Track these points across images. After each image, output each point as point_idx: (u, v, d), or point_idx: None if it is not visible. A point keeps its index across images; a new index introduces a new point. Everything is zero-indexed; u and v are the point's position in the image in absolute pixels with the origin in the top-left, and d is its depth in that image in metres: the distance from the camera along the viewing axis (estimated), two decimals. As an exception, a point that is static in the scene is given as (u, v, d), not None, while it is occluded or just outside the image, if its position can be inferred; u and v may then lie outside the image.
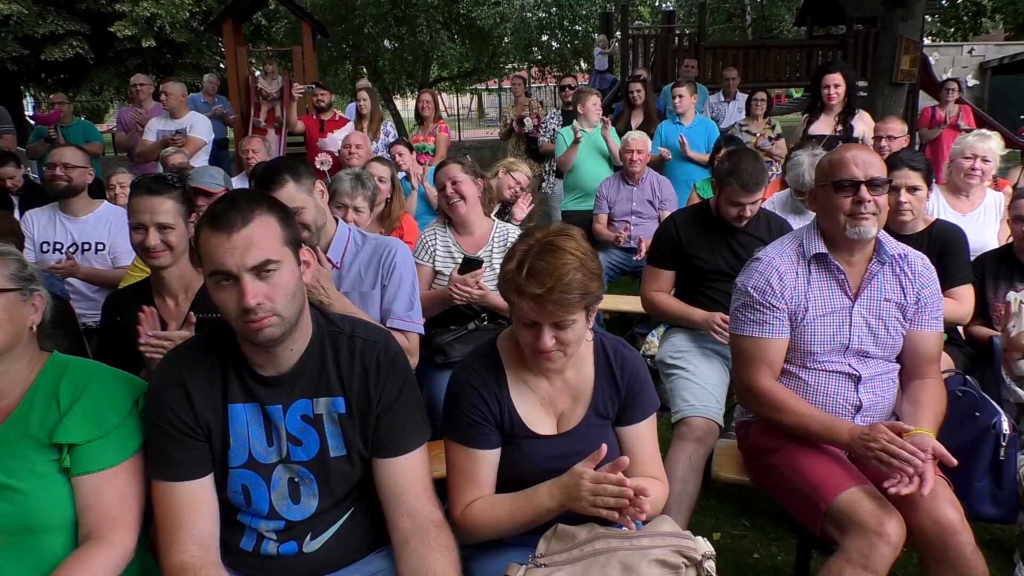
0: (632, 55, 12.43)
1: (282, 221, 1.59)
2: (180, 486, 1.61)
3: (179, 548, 1.57)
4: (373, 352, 1.71)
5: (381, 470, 1.71)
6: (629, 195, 5.38)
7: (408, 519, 1.67)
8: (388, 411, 1.70)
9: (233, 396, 1.65)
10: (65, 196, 3.75)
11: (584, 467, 1.65)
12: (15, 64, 16.23)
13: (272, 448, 1.67)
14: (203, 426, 1.63)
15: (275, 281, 1.54)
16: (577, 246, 1.67)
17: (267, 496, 1.68)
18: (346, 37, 19.05)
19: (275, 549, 1.70)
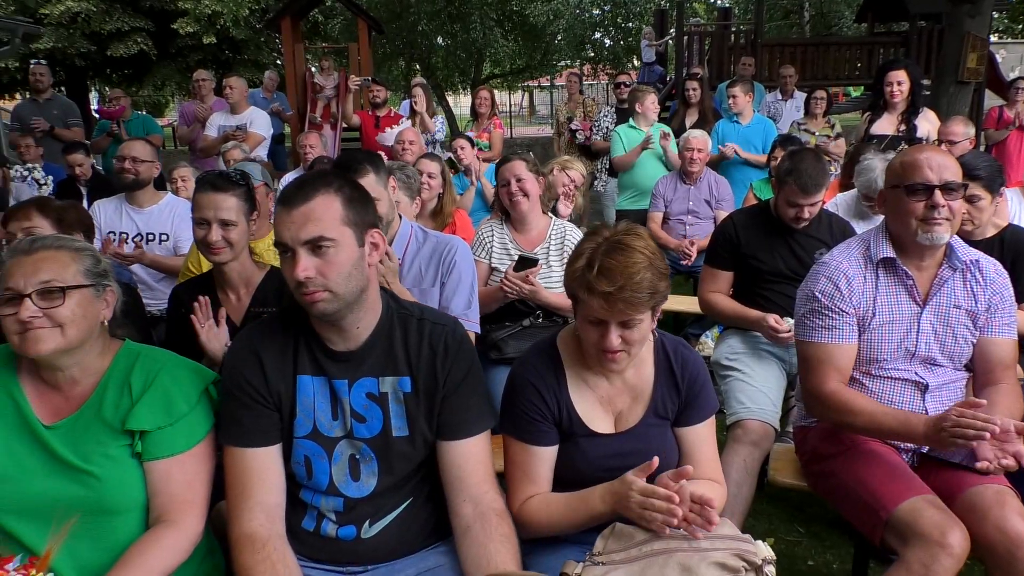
0: (687, 53, 12.28)
1: (347, 201, 1.62)
2: (249, 452, 1.66)
3: (247, 516, 1.62)
4: (441, 335, 1.74)
5: (445, 453, 1.72)
6: (686, 194, 5.32)
7: (470, 504, 1.68)
8: (454, 393, 1.72)
9: (302, 368, 1.70)
10: (133, 189, 3.87)
11: (635, 476, 1.64)
12: (83, 60, 16.78)
13: (336, 422, 1.71)
14: (274, 395, 1.68)
15: (330, 258, 1.57)
16: (646, 245, 1.67)
17: (328, 470, 1.71)
18: (400, 34, 19.20)
19: (334, 531, 1.73)
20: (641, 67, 13.38)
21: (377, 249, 1.69)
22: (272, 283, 2.49)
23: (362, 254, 1.64)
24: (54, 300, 1.61)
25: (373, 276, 1.69)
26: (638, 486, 1.61)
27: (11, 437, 1.64)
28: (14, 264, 1.62)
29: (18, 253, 1.64)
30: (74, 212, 2.69)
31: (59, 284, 1.61)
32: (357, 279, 1.62)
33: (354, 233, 1.62)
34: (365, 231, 1.65)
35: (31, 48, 14.97)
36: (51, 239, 1.68)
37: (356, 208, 1.64)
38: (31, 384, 1.70)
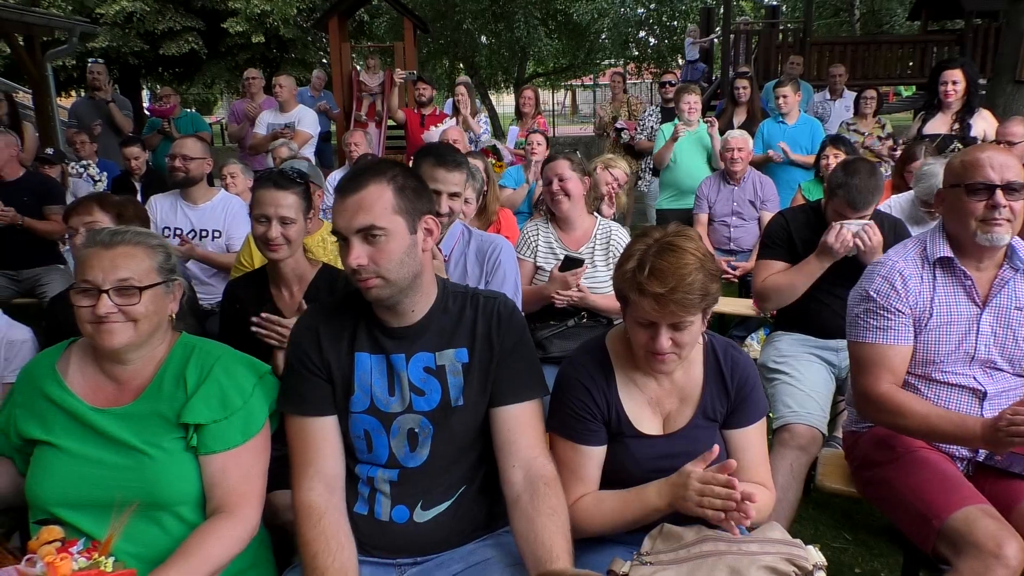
0: (734, 51, 12.14)
1: (399, 190, 1.65)
2: (308, 421, 1.73)
3: (308, 485, 1.68)
4: (493, 306, 1.80)
5: (496, 419, 1.76)
6: (730, 195, 5.25)
7: (520, 471, 1.71)
8: (505, 359, 1.76)
9: (360, 345, 1.76)
10: (185, 186, 3.96)
11: (693, 467, 1.64)
12: (136, 58, 17.21)
13: (394, 398, 1.75)
14: (327, 367, 1.74)
15: (382, 246, 1.62)
16: (697, 247, 1.66)
17: (387, 443, 1.75)
18: (444, 33, 19.33)
19: (388, 513, 1.76)
20: (684, 65, 13.28)
21: (431, 235, 1.73)
22: (324, 279, 2.53)
23: (415, 241, 1.68)
24: (131, 298, 1.66)
25: (427, 261, 1.74)
26: (697, 475, 1.62)
27: (64, 432, 1.69)
28: (93, 256, 1.67)
29: (97, 245, 1.69)
30: (132, 207, 2.76)
31: (136, 284, 1.66)
32: (410, 265, 1.66)
33: (406, 221, 1.66)
34: (418, 218, 1.69)
35: (87, 47, 15.41)
36: (130, 234, 1.73)
37: (408, 196, 1.67)
38: (82, 374, 1.75)
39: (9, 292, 4.61)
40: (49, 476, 1.66)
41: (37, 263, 4.67)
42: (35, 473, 1.69)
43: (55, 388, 1.72)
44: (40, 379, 1.74)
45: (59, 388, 1.72)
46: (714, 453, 1.64)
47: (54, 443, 1.68)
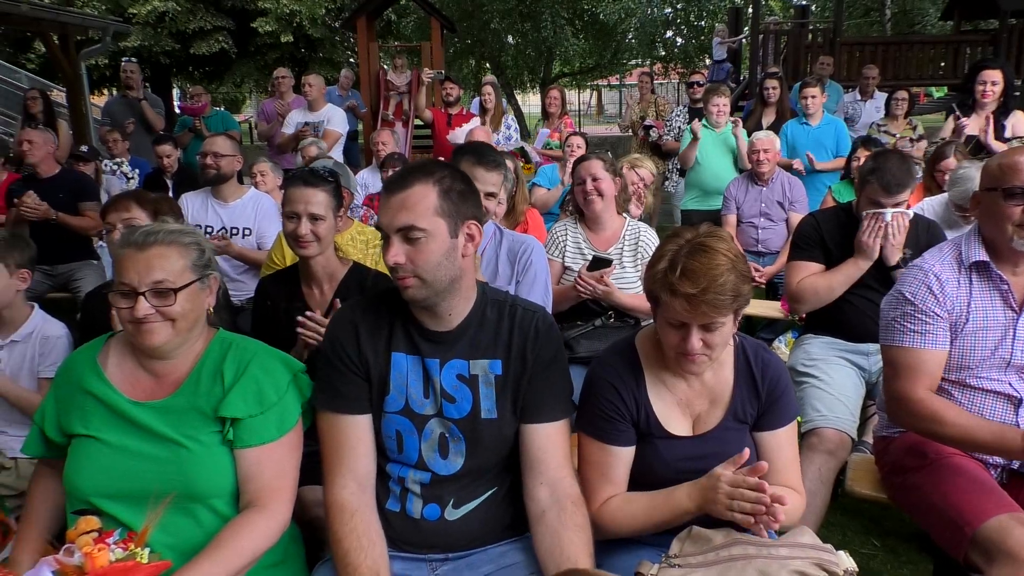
0: (762, 51, 12.04)
1: (444, 193, 1.65)
2: (342, 419, 1.73)
3: (340, 483, 1.69)
4: (532, 320, 1.78)
5: (526, 435, 1.76)
6: (758, 196, 5.21)
7: (546, 488, 1.71)
8: (539, 376, 1.75)
9: (397, 345, 1.76)
10: (215, 183, 4.01)
11: (723, 469, 1.63)
12: (167, 58, 17.44)
13: (428, 400, 1.75)
14: (364, 364, 1.74)
15: (420, 247, 1.62)
16: (729, 248, 1.66)
17: (417, 445, 1.75)
18: (471, 32, 19.36)
19: (419, 510, 1.77)
20: (711, 65, 13.19)
21: (473, 241, 1.72)
22: (354, 278, 2.55)
23: (455, 245, 1.67)
24: (166, 299, 1.69)
25: (468, 266, 1.73)
26: (727, 477, 1.61)
27: (105, 424, 1.72)
28: (128, 258, 1.70)
29: (131, 246, 1.71)
30: (167, 204, 2.82)
31: (171, 286, 1.69)
32: (448, 269, 1.66)
33: (447, 224, 1.65)
34: (461, 223, 1.68)
35: (119, 46, 15.63)
36: (163, 233, 1.75)
37: (453, 199, 1.66)
38: (121, 368, 1.78)
39: (44, 287, 4.69)
40: (87, 467, 1.69)
41: (71, 259, 4.75)
42: (73, 464, 1.72)
43: (96, 381, 1.75)
44: (81, 373, 1.78)
45: (100, 381, 1.75)
46: (744, 456, 1.63)
47: (93, 435, 1.71)
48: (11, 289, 2.67)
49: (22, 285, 2.71)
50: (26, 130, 4.92)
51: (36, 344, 2.72)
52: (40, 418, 1.79)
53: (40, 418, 1.79)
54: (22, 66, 16.83)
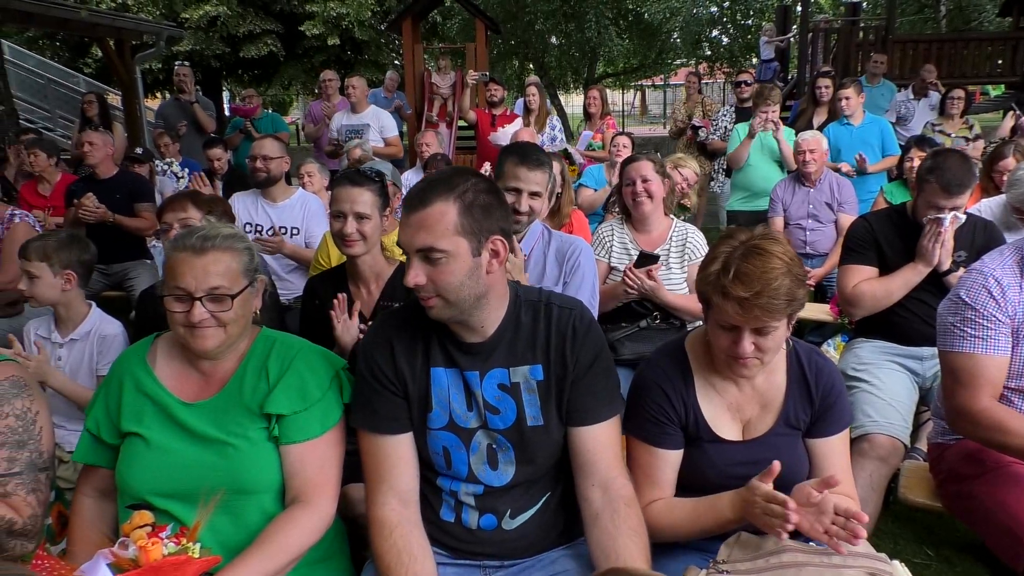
0: (811, 50, 11.83)
1: (465, 209, 1.56)
2: (382, 439, 1.71)
3: (381, 500, 1.68)
4: (569, 319, 1.72)
5: (574, 438, 1.72)
6: (805, 197, 5.10)
7: (599, 490, 1.67)
8: (583, 377, 1.69)
9: (435, 360, 1.71)
10: (266, 186, 4.09)
11: (760, 482, 1.59)
12: (217, 61, 17.82)
13: (472, 413, 1.71)
14: (402, 382, 1.71)
15: (441, 268, 1.55)
16: (784, 251, 1.62)
17: (466, 459, 1.73)
18: (515, 33, 19.39)
19: (475, 521, 1.75)
20: (758, 64, 13.01)
21: (498, 257, 1.63)
22: (401, 278, 2.56)
23: (478, 263, 1.59)
24: (223, 304, 1.72)
25: (494, 281, 1.65)
26: (761, 491, 1.57)
27: (157, 424, 1.75)
28: (185, 263, 1.71)
29: (187, 250, 1.72)
30: (220, 205, 2.88)
31: (227, 292, 1.72)
32: (471, 288, 1.59)
33: (469, 243, 1.57)
34: (485, 239, 1.59)
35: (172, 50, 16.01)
36: (220, 239, 1.76)
37: (475, 215, 1.58)
38: (169, 367, 1.82)
39: (99, 285, 4.82)
40: (139, 466, 1.73)
41: (126, 258, 4.88)
42: (126, 462, 1.76)
43: (148, 381, 1.79)
44: (132, 372, 1.81)
45: (151, 381, 1.79)
46: (775, 468, 1.58)
47: (144, 435, 1.74)
48: (55, 289, 2.74)
49: (67, 286, 2.77)
50: (87, 132, 5.06)
51: (94, 342, 2.80)
52: (93, 425, 1.81)
53: (93, 425, 1.81)
54: (79, 70, 17.33)
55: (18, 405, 1.80)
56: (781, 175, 5.55)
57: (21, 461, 1.78)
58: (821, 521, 1.52)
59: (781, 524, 1.51)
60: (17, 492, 1.76)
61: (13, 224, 4.00)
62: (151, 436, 1.74)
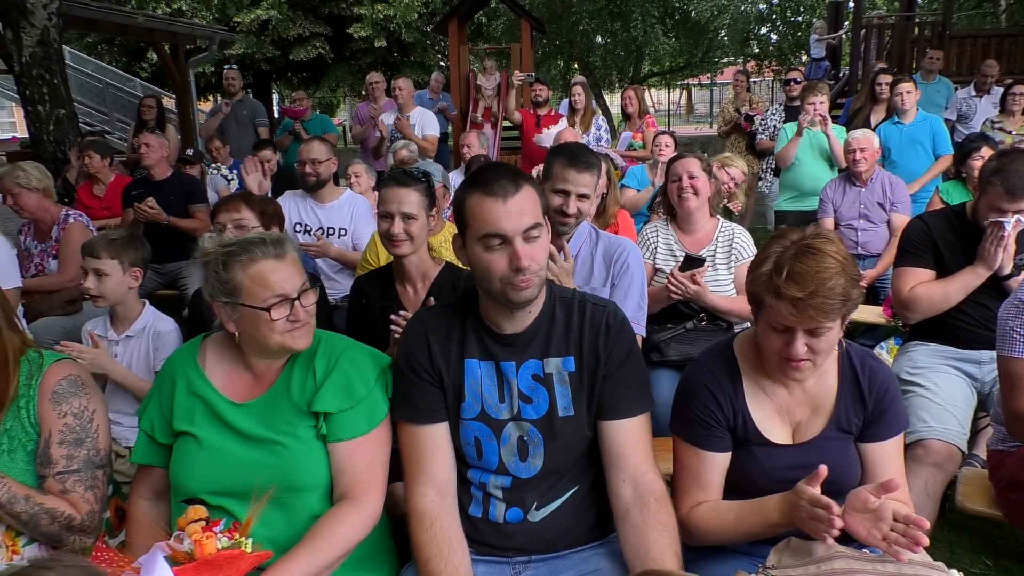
0: (864, 46, 11.56)
1: (538, 190, 1.69)
2: (420, 429, 1.75)
3: (420, 491, 1.71)
4: (602, 315, 1.77)
5: (605, 432, 1.75)
6: (856, 197, 4.99)
7: (629, 485, 1.69)
8: (614, 372, 1.74)
9: (469, 352, 1.77)
10: (316, 188, 4.15)
11: (806, 485, 1.56)
12: (267, 64, 18.16)
13: (504, 405, 1.76)
14: (437, 373, 1.76)
15: (538, 244, 1.64)
16: (838, 250, 1.59)
17: (496, 450, 1.76)
18: (560, 33, 19.35)
19: (502, 514, 1.77)
20: (808, 63, 12.76)
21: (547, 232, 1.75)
22: (447, 278, 2.59)
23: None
24: (310, 299, 1.78)
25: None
26: (807, 495, 1.54)
27: (208, 424, 1.79)
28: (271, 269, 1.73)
29: (270, 257, 1.75)
30: (271, 206, 2.94)
31: (307, 287, 1.78)
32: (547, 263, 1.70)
33: (546, 220, 1.69)
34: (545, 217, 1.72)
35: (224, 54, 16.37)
36: (288, 243, 1.82)
37: (544, 196, 1.72)
38: (220, 368, 1.85)
39: (153, 284, 4.95)
40: (192, 465, 1.77)
41: (179, 258, 4.99)
42: (179, 461, 1.80)
43: (199, 382, 1.83)
44: (184, 373, 1.85)
45: (203, 382, 1.83)
46: (822, 472, 1.54)
47: (196, 435, 1.78)
48: (124, 286, 2.83)
49: (134, 283, 2.86)
50: (144, 134, 5.20)
51: (149, 339, 2.87)
52: (148, 425, 1.86)
53: (148, 425, 1.86)
54: (136, 74, 17.84)
55: (76, 404, 1.86)
56: (831, 174, 5.44)
57: (79, 459, 1.85)
58: (879, 528, 1.49)
59: (826, 528, 1.48)
60: (75, 489, 1.83)
61: (68, 224, 4.13)
62: (203, 435, 1.78)
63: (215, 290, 1.75)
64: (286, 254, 1.77)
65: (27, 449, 1.83)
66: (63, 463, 1.83)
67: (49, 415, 1.84)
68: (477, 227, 1.63)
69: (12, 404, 1.83)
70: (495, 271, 1.63)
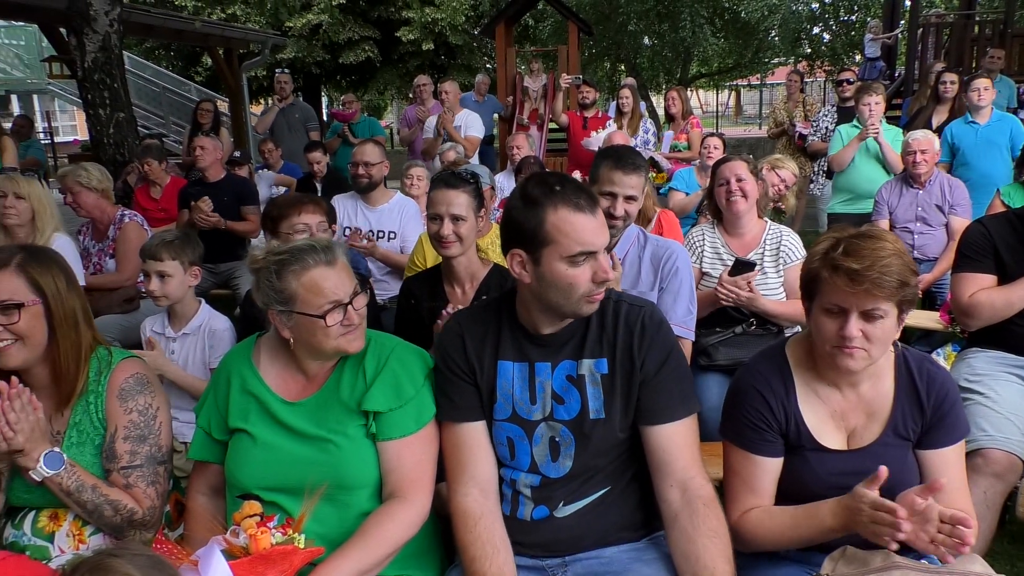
0: (921, 46, 11.27)
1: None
2: (460, 427, 1.78)
3: (463, 491, 1.73)
4: (638, 316, 1.76)
5: (650, 437, 1.73)
6: (913, 199, 4.87)
7: (677, 490, 1.67)
8: (655, 376, 1.72)
9: (504, 353, 1.78)
10: (368, 191, 4.21)
11: (866, 489, 1.53)
12: (318, 68, 18.45)
13: (535, 406, 1.76)
14: (472, 372, 1.78)
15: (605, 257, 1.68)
16: (895, 239, 1.59)
17: (529, 450, 1.77)
18: (607, 35, 19.27)
19: (529, 513, 1.78)
20: (863, 63, 12.49)
21: None
22: (495, 279, 2.60)
23: None
24: (361, 302, 1.81)
25: None
26: (868, 499, 1.51)
27: (262, 422, 1.83)
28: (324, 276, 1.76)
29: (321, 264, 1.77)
30: (328, 207, 3.00)
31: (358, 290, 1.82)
32: None
33: None
34: None
35: (276, 58, 16.70)
36: (338, 248, 1.85)
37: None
38: (273, 367, 1.89)
39: (208, 284, 5.06)
40: (246, 462, 1.81)
41: (232, 258, 5.11)
42: (234, 458, 1.84)
43: (253, 380, 1.87)
44: (239, 371, 1.90)
45: (257, 381, 1.87)
46: (882, 474, 1.51)
47: (250, 432, 1.82)
48: (185, 285, 2.91)
49: (194, 281, 2.95)
50: (200, 137, 5.33)
51: (204, 337, 2.94)
52: (205, 422, 1.91)
53: (205, 422, 1.91)
54: (191, 79, 18.30)
55: (141, 401, 1.92)
56: (887, 176, 5.31)
57: (142, 454, 1.91)
58: (926, 530, 1.46)
59: (891, 533, 1.45)
60: (138, 484, 1.89)
61: (124, 224, 4.24)
62: (257, 433, 1.82)
63: (269, 298, 1.77)
64: (336, 260, 1.79)
65: (94, 443, 1.90)
66: (127, 458, 1.89)
67: (116, 411, 1.90)
68: (568, 244, 1.62)
69: (81, 398, 1.90)
70: (579, 286, 1.64)
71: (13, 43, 19.27)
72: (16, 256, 1.83)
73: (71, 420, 1.90)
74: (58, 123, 24.08)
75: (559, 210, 1.62)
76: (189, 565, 1.57)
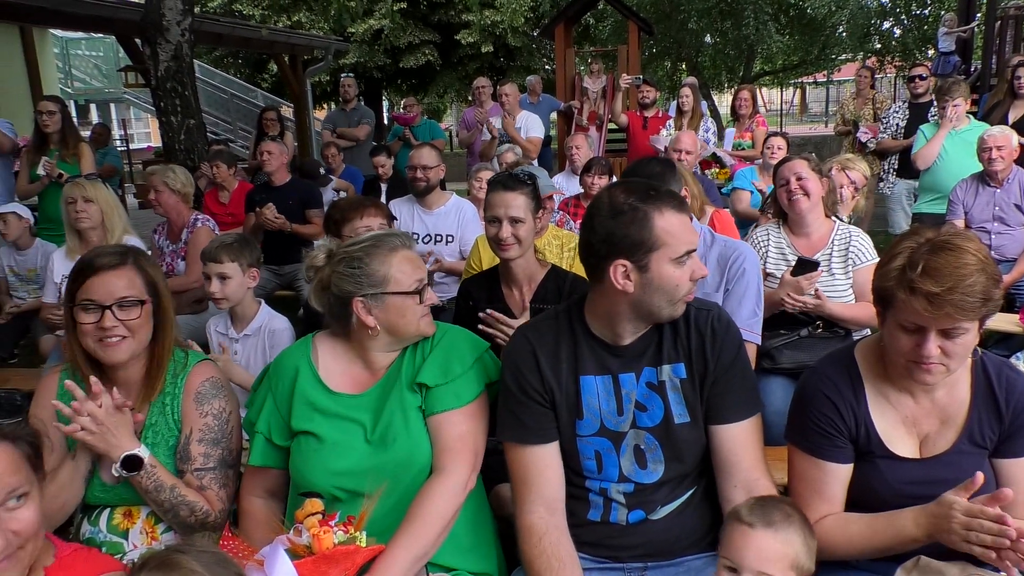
0: (999, 40, 10.81)
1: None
2: (528, 449, 1.76)
3: (528, 508, 1.72)
4: (707, 319, 1.76)
5: (715, 437, 1.74)
6: (991, 198, 4.67)
7: (741, 490, 1.67)
8: (723, 376, 1.73)
9: (584, 368, 1.77)
10: (426, 194, 4.26)
11: (956, 496, 1.47)
12: (379, 72, 18.73)
13: (623, 417, 1.75)
14: (549, 392, 1.76)
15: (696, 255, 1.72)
16: (977, 248, 1.49)
17: (617, 462, 1.76)
18: (668, 34, 19.04)
19: (624, 517, 1.77)
20: (935, 57, 12.05)
21: None
22: (553, 281, 2.59)
23: None
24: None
25: None
26: (961, 506, 1.45)
27: (324, 421, 1.86)
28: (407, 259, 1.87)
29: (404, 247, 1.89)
30: (387, 210, 3.05)
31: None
32: None
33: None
34: None
35: (338, 63, 17.00)
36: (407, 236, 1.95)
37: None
38: (334, 363, 1.92)
39: (272, 285, 5.18)
40: (312, 462, 1.84)
41: (296, 260, 5.20)
42: (299, 457, 1.87)
43: (313, 379, 1.90)
44: (298, 373, 1.92)
45: (317, 381, 1.90)
46: (978, 481, 1.45)
47: (315, 432, 1.85)
48: (244, 287, 2.98)
49: (252, 283, 3.01)
50: (266, 142, 5.47)
51: (265, 337, 3.01)
52: (265, 428, 1.93)
53: (265, 428, 1.93)
54: (257, 85, 18.77)
55: (216, 405, 1.97)
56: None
57: (215, 457, 1.95)
58: (1010, 532, 1.38)
59: (996, 543, 1.38)
60: (211, 486, 1.93)
61: (196, 228, 4.37)
62: (322, 432, 1.84)
63: (358, 285, 1.82)
64: (412, 245, 1.90)
65: (169, 444, 1.95)
66: (200, 460, 1.93)
67: (192, 413, 1.94)
68: (676, 245, 1.65)
69: (158, 399, 1.95)
70: (684, 285, 1.68)
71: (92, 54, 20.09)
72: (130, 255, 1.90)
73: (147, 420, 1.94)
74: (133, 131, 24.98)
75: (665, 213, 1.64)
76: (255, 565, 1.60)
